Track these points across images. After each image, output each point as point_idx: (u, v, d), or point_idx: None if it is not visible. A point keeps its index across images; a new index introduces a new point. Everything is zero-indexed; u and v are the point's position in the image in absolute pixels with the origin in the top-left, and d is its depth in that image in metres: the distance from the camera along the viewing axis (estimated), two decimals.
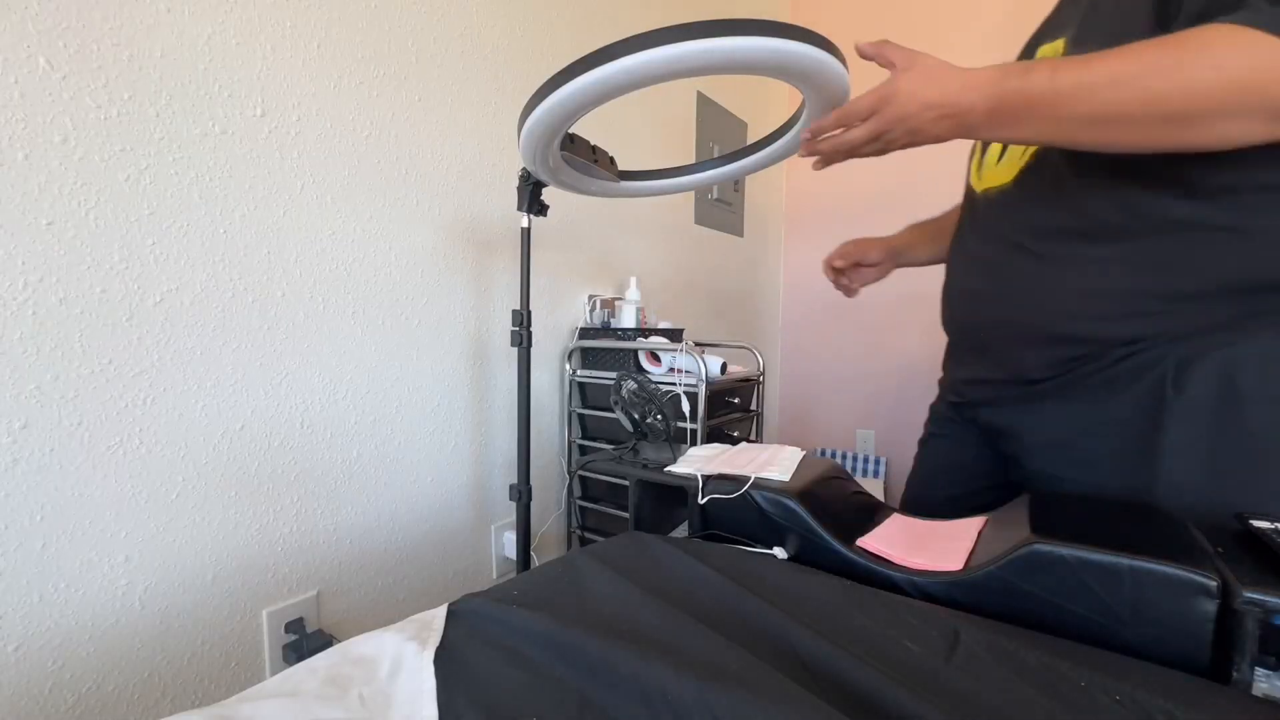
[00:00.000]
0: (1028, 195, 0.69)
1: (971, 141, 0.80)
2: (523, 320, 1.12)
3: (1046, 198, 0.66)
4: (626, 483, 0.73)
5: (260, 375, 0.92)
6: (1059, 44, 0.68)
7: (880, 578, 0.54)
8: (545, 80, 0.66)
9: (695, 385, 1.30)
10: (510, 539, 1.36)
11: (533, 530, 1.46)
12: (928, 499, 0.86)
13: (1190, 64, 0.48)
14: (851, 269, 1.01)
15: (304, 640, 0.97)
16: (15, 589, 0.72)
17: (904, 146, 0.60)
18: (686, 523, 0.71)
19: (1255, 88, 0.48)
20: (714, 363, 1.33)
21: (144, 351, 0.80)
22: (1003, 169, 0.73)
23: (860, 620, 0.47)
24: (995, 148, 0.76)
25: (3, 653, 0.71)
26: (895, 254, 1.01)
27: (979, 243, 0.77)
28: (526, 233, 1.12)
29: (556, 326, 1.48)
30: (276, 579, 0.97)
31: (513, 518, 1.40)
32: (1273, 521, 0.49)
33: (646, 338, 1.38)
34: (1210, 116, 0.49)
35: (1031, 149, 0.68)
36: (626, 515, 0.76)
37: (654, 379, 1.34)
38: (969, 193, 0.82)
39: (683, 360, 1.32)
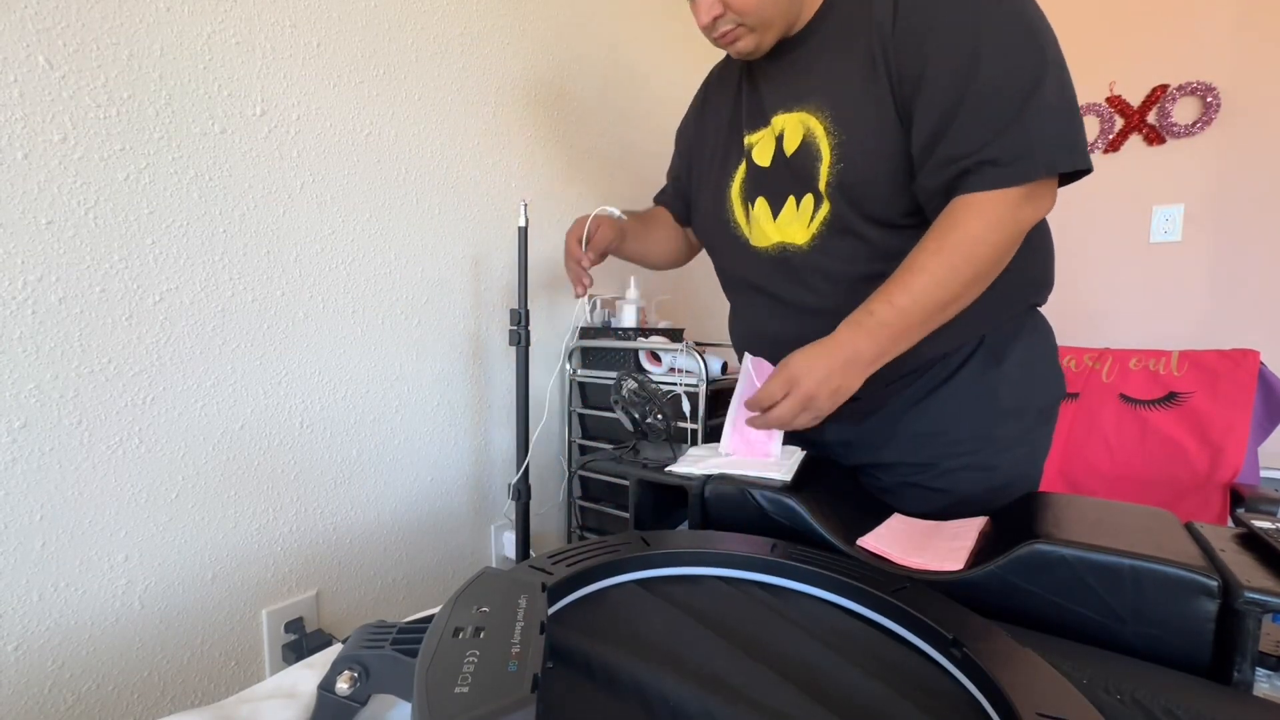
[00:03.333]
0: (833, 252, 0.75)
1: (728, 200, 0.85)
2: (521, 319, 1.12)
3: (856, 253, 0.73)
4: (626, 482, 0.73)
5: (259, 374, 0.92)
6: (803, 114, 0.74)
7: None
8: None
9: (696, 385, 1.29)
10: (510, 538, 1.36)
11: (532, 530, 1.46)
12: None
13: (968, 254, 0.63)
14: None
15: (303, 640, 0.97)
16: (15, 588, 0.72)
17: (833, 402, 0.66)
18: (686, 523, 0.71)
19: (1008, 237, 0.63)
20: (715, 362, 1.32)
21: (143, 351, 0.80)
22: (792, 229, 0.78)
23: (856, 627, 0.47)
24: (763, 207, 0.80)
25: (2, 652, 0.71)
26: (622, 238, 0.96)
27: (782, 293, 0.81)
28: (523, 231, 1.12)
29: (557, 326, 1.48)
30: (276, 578, 0.97)
31: (513, 517, 1.40)
32: (1274, 522, 0.49)
33: (647, 337, 1.38)
34: (1000, 262, 0.64)
35: (822, 211, 0.74)
36: (626, 515, 0.76)
37: (654, 379, 1.34)
38: (744, 247, 0.84)
39: (683, 360, 1.32)
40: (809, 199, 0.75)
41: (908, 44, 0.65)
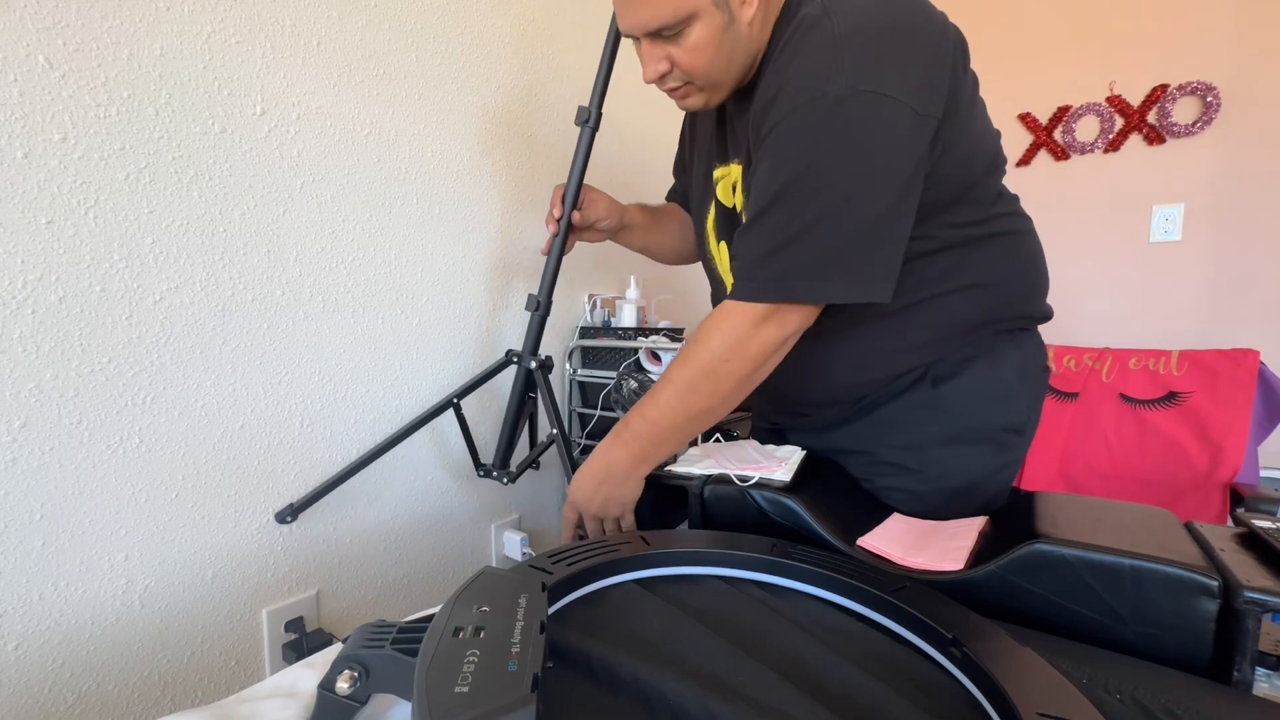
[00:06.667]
0: None
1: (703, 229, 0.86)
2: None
3: None
4: None
5: (260, 374, 0.92)
6: (734, 168, 0.76)
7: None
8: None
9: None
10: (510, 538, 1.36)
11: (532, 529, 1.46)
12: None
13: (709, 372, 0.66)
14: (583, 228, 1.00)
15: (304, 639, 0.97)
16: (15, 588, 0.72)
17: (619, 507, 0.72)
18: (686, 523, 0.71)
19: (750, 357, 0.64)
20: None
21: (143, 350, 0.80)
22: None
23: (856, 627, 0.47)
24: (725, 250, 0.81)
25: (3, 651, 0.71)
26: (621, 226, 1.01)
27: None
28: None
29: (557, 326, 1.48)
30: (276, 578, 0.97)
31: (513, 517, 1.41)
32: (1274, 521, 0.49)
33: (647, 337, 1.38)
34: (744, 379, 0.66)
35: None
36: None
37: (654, 378, 1.34)
38: (721, 284, 0.87)
39: None
40: None
41: (759, 138, 0.65)
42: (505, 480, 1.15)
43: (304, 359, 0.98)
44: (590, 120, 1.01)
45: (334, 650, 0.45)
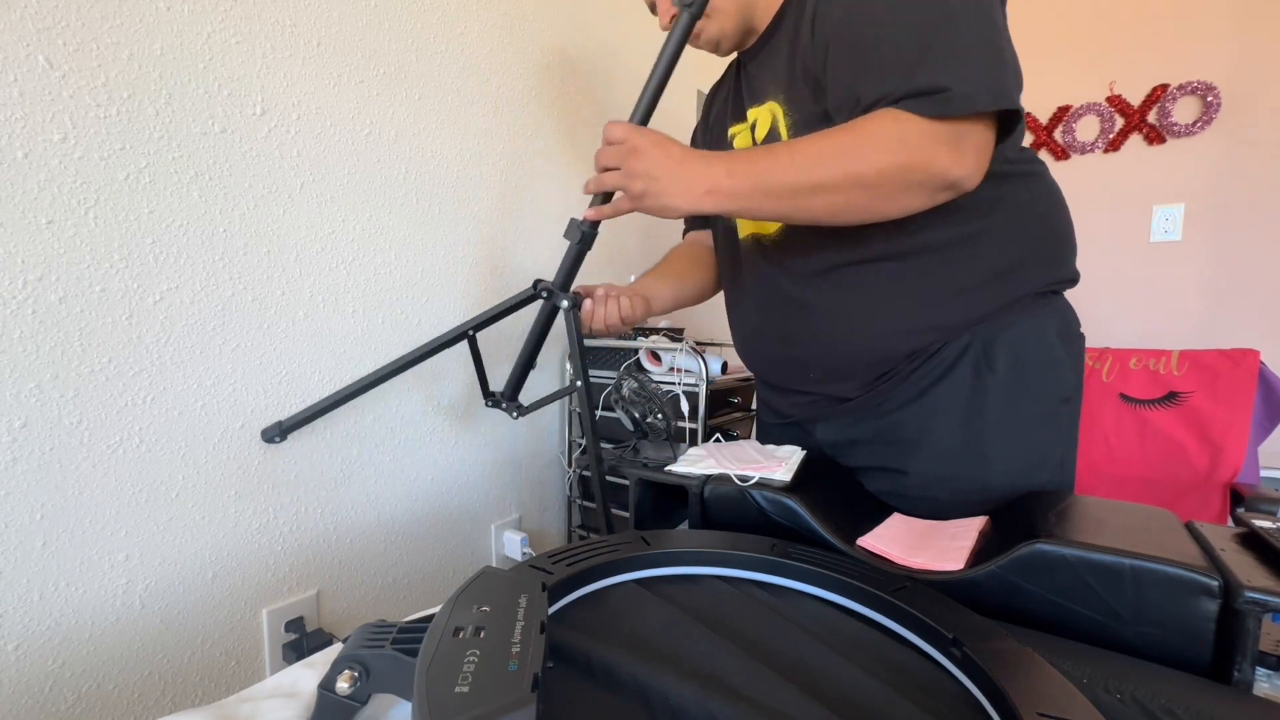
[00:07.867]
0: (801, 237, 0.74)
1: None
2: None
3: (820, 236, 0.72)
4: (627, 482, 0.73)
5: (260, 374, 0.92)
6: (770, 104, 0.76)
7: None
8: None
9: (696, 385, 1.29)
10: (510, 538, 1.36)
11: (532, 530, 1.46)
12: None
13: (867, 145, 0.58)
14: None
15: (304, 639, 0.97)
16: (15, 587, 0.72)
17: (643, 183, 0.66)
18: (686, 523, 0.71)
19: (909, 162, 0.57)
20: (715, 362, 1.32)
21: (143, 350, 0.80)
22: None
23: (856, 627, 0.47)
24: None
25: (3, 651, 0.71)
26: (650, 314, 1.02)
27: (760, 285, 0.82)
28: None
29: (557, 326, 1.48)
30: (276, 578, 0.97)
31: (513, 517, 1.40)
32: (1274, 521, 0.49)
33: (647, 337, 1.38)
34: (893, 180, 0.58)
35: None
36: (627, 515, 0.76)
37: (654, 378, 1.34)
38: (731, 237, 0.87)
39: (683, 360, 1.32)
40: None
41: (822, 14, 0.67)
42: (515, 414, 1.10)
43: (304, 359, 0.98)
44: (693, 3, 0.74)
45: (334, 650, 0.45)
